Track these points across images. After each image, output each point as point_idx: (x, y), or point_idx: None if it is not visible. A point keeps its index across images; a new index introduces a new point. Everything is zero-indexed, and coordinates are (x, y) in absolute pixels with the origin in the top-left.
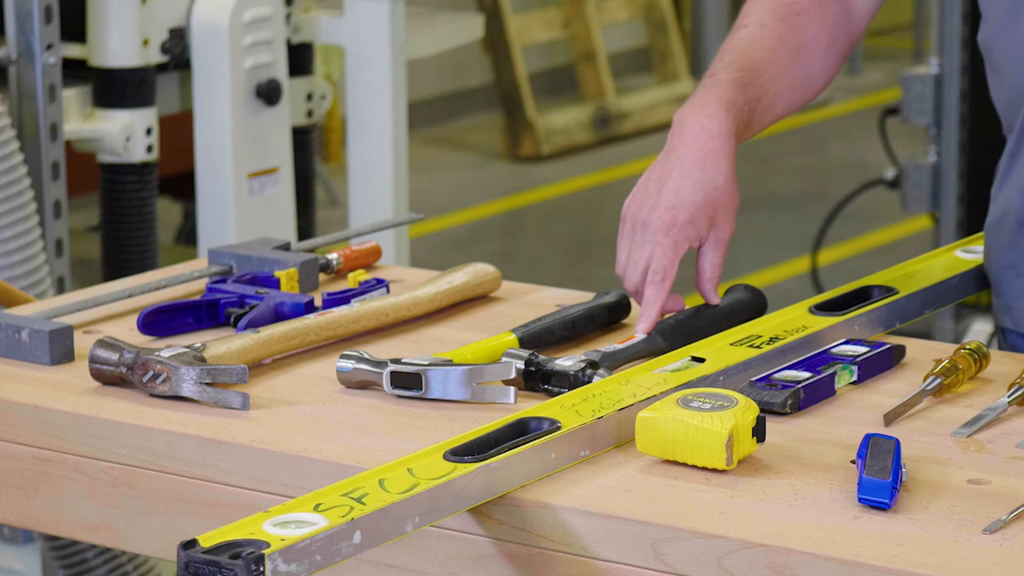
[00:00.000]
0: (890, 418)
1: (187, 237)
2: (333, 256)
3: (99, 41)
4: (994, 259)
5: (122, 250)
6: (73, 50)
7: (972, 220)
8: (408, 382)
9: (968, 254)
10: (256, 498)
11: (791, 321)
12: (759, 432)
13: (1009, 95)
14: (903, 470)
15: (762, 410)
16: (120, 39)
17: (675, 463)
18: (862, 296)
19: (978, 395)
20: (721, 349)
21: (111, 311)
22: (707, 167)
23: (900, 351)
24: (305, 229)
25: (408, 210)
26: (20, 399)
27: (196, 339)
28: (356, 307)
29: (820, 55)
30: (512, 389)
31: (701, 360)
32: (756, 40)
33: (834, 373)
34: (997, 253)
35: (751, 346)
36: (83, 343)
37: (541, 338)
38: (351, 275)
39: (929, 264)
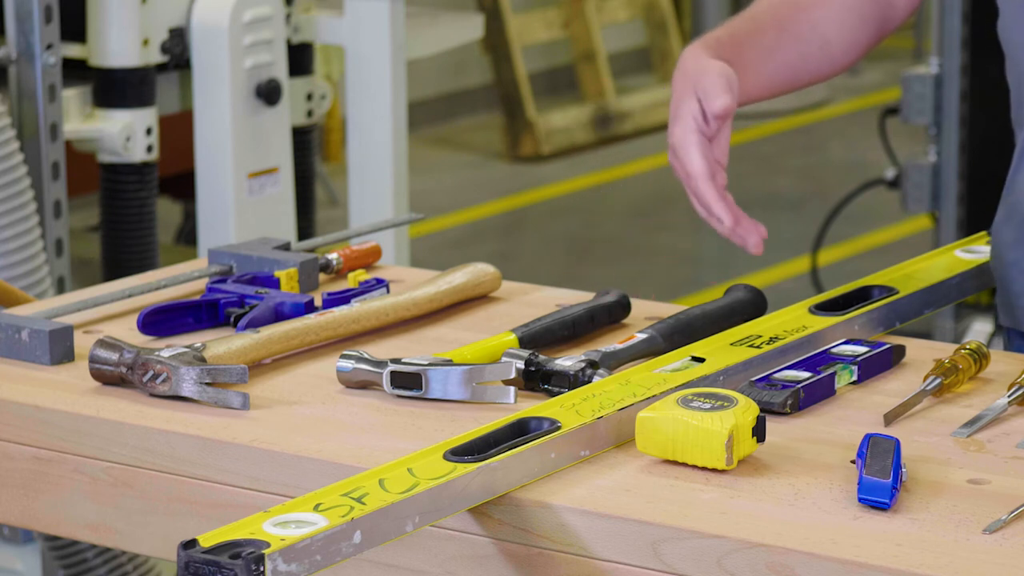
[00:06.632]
0: (890, 418)
1: (187, 237)
2: (333, 256)
3: (99, 41)
4: (1001, 255)
5: (122, 250)
6: (73, 50)
7: (972, 220)
8: (408, 382)
9: (968, 254)
10: (256, 498)
11: (791, 321)
12: (759, 432)
13: (1021, 88)
14: (903, 470)
15: (762, 410)
16: (120, 39)
17: (675, 463)
18: (862, 296)
19: (978, 395)
20: (721, 349)
21: (111, 311)
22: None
23: (900, 351)
24: (305, 229)
25: (408, 210)
26: (20, 399)
27: (196, 339)
28: (356, 307)
29: (835, 14)
30: (512, 389)
31: (701, 360)
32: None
33: (834, 373)
34: (1004, 249)
35: (751, 346)
36: (83, 343)
37: (541, 338)
38: (351, 275)
39: (929, 264)
